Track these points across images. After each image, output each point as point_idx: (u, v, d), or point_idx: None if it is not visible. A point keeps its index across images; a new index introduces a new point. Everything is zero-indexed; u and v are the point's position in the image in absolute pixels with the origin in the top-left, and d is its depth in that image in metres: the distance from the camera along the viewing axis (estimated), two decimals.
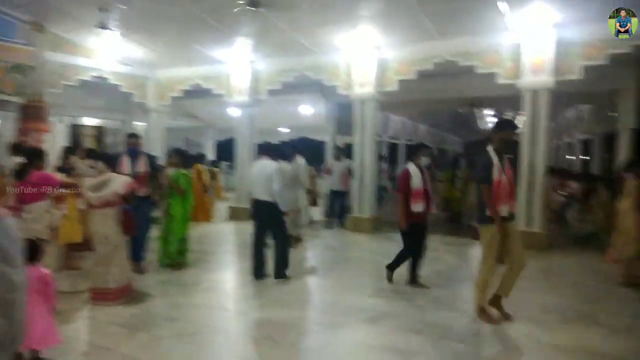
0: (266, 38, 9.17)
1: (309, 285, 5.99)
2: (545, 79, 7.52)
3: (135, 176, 5.65)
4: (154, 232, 6.58)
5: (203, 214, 10.84)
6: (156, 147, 11.13)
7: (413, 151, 5.93)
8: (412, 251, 5.69)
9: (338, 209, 10.00)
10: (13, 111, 8.95)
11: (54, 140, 9.78)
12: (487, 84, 8.64)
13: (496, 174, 4.26)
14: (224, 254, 7.79)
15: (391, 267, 5.80)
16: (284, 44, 9.31)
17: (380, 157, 17.21)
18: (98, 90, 11.50)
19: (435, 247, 8.08)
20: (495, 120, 29.07)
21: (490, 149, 4.41)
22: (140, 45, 9.88)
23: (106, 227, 4.82)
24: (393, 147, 20.20)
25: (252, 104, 10.60)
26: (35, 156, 5.00)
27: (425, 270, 6.46)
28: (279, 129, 17.11)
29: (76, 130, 12.48)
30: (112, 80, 10.84)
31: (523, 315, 4.66)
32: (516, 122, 5.67)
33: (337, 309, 4.82)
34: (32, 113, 8.90)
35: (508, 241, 4.33)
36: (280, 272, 5.83)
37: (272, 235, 5.86)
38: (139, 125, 12.63)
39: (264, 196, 5.69)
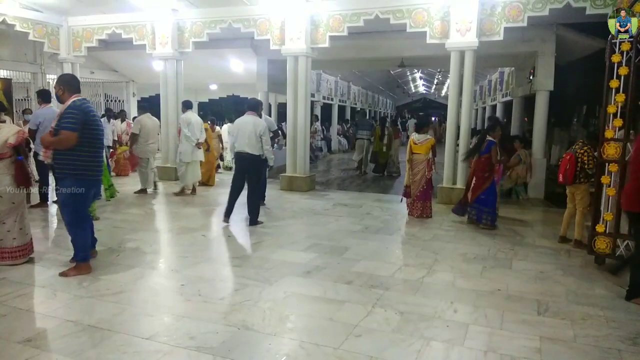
0: None
1: (242, 242, 5.95)
2: (471, 40, 7.72)
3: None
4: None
5: (125, 170, 10.45)
6: None
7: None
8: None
9: None
10: None
11: None
12: (417, 44, 8.76)
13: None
14: (152, 214, 7.49)
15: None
16: None
17: (316, 118, 17.20)
18: (3, 38, 10.33)
19: (366, 203, 8.31)
20: (423, 86, 29.85)
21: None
22: None
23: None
24: (327, 108, 20.19)
25: (177, 57, 10.02)
26: None
27: (357, 226, 6.63)
28: (210, 86, 16.45)
29: None
30: (19, 27, 9.75)
31: (446, 264, 4.94)
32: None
33: (270, 264, 4.82)
34: None
35: None
36: (255, 220, 6.47)
37: (251, 187, 6.46)
38: (51, 78, 11.56)
39: (250, 150, 6.21)
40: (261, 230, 6.35)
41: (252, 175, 6.47)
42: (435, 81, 28.48)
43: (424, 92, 36.26)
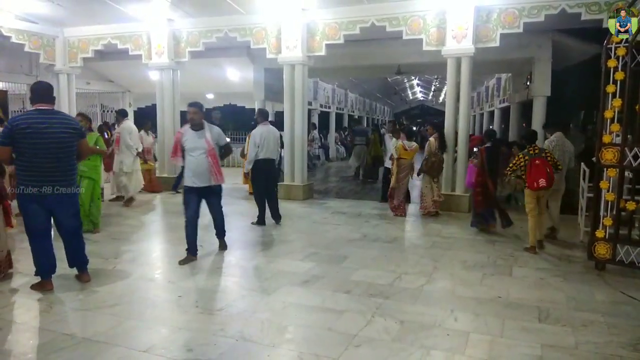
0: None
1: (240, 253, 5.90)
2: (467, 46, 7.74)
3: None
4: None
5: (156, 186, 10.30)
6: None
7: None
8: None
9: None
10: None
11: None
12: (414, 51, 8.77)
13: None
14: (150, 225, 7.44)
15: None
16: (205, 1, 8.83)
17: (313, 126, 17.21)
18: None
19: (364, 210, 8.27)
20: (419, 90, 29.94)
21: None
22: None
23: None
24: (324, 116, 20.21)
25: (174, 67, 10.02)
26: None
27: (356, 234, 6.60)
28: (206, 95, 16.44)
29: None
30: (15, 38, 9.75)
31: (446, 272, 4.90)
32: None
33: (268, 274, 4.78)
34: None
35: None
36: (279, 217, 7.13)
37: (272, 189, 7.09)
38: None
39: (274, 156, 6.96)
40: (259, 239, 6.31)
41: (273, 178, 7.21)
42: (433, 88, 28.56)
43: (422, 98, 36.36)
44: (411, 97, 34.91)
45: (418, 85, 28.87)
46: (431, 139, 7.83)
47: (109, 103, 15.37)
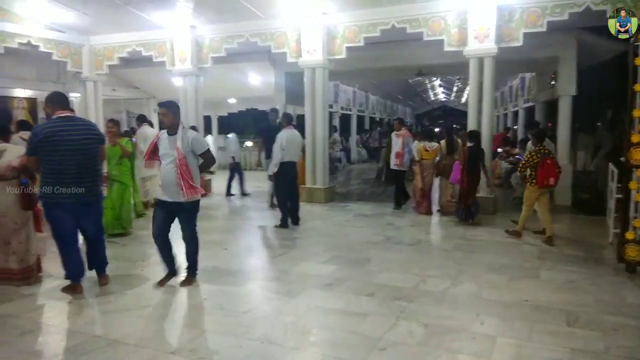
0: (208, 1, 8.76)
1: (264, 255, 5.96)
2: (490, 46, 7.65)
3: None
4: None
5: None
6: (93, 120, 10.52)
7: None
8: None
9: None
10: None
11: None
12: (435, 52, 8.71)
13: None
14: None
15: None
16: (226, 7, 8.94)
17: (334, 129, 17.24)
18: (28, 59, 10.66)
19: (386, 213, 8.24)
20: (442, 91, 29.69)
21: None
22: (70, 8, 9.17)
23: (2, 203, 4.40)
24: (345, 118, 20.22)
25: (196, 73, 10.18)
26: None
27: (378, 237, 6.59)
28: (228, 100, 16.63)
29: (6, 102, 11.57)
30: (43, 47, 10.06)
31: (471, 275, 4.85)
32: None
33: (291, 277, 4.81)
34: None
35: None
36: (298, 220, 7.24)
37: (293, 190, 7.17)
38: (74, 96, 11.85)
39: (296, 159, 7.14)
40: (282, 242, 6.35)
41: (296, 183, 7.25)
42: (455, 88, 28.26)
43: (444, 99, 36.00)
44: (433, 98, 34.58)
45: (440, 86, 28.59)
46: (442, 141, 8.13)
47: (135, 109, 15.69)
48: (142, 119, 9.19)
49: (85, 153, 4.14)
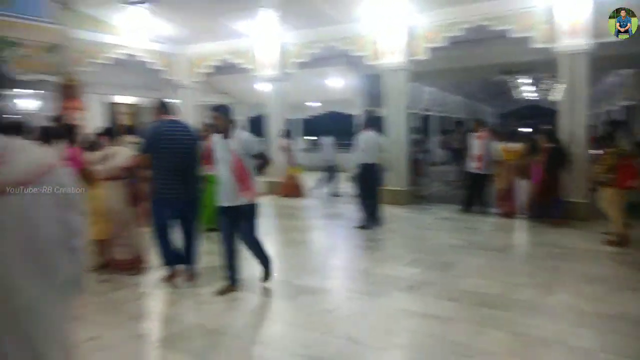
0: (292, 9, 9.09)
1: (347, 256, 6.06)
2: (583, 42, 7.17)
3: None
4: None
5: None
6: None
7: None
8: None
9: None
10: (50, 90, 9.17)
11: (90, 118, 9.96)
12: (521, 49, 8.33)
13: None
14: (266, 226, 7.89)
15: None
16: (309, 14, 9.19)
17: (415, 131, 16.96)
18: (132, 68, 11.68)
19: (470, 217, 8.02)
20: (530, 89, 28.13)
21: None
22: (168, 20, 9.92)
23: (113, 200, 4.89)
24: (426, 119, 19.90)
25: (282, 78, 10.57)
26: (65, 133, 5.15)
27: (461, 240, 6.44)
28: (307, 103, 17.04)
29: (113, 108, 12.76)
30: (143, 57, 10.96)
31: (564, 284, 4.61)
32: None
33: (373, 278, 4.88)
34: (66, 92, 9.08)
35: None
36: (380, 221, 7.19)
37: (375, 192, 7.18)
38: (172, 102, 12.76)
39: (376, 160, 7.08)
40: (363, 243, 6.43)
41: (377, 185, 7.27)
42: (543, 86, 26.64)
43: (531, 98, 34.04)
44: (518, 97, 32.85)
45: (527, 84, 27.10)
46: (523, 142, 8.00)
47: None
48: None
49: (186, 152, 4.51)
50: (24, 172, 0.96)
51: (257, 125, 11.31)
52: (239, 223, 4.30)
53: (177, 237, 4.71)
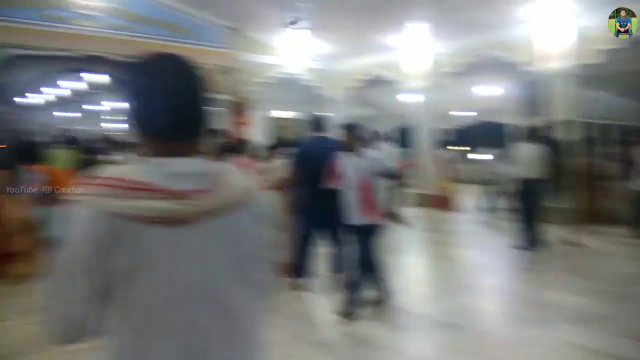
0: (443, 19, 8.90)
1: (502, 278, 5.67)
2: None
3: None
4: None
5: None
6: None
7: None
8: None
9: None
10: (222, 107, 10.35)
11: (255, 132, 11.00)
12: None
13: None
14: (413, 239, 7.79)
15: None
16: (461, 23, 8.89)
17: (586, 141, 15.16)
18: (288, 84, 12.63)
19: None
20: None
21: None
22: (324, 40, 10.49)
23: (277, 209, 5.12)
24: (594, 128, 17.61)
25: (433, 89, 10.40)
26: (236, 147, 5.71)
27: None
28: (453, 112, 16.39)
29: (273, 123, 13.93)
30: (305, 77, 11.77)
31: None
32: None
33: (536, 304, 4.46)
34: (236, 109, 10.20)
35: None
36: (540, 243, 6.47)
37: (537, 210, 6.56)
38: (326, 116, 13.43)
39: (535, 175, 6.46)
40: (522, 265, 5.94)
41: (537, 198, 6.63)
42: None
43: None
44: None
45: None
46: None
47: (369, 125, 16.83)
48: (376, 136, 9.77)
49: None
50: (234, 196, 1.10)
51: (403, 137, 11.26)
52: (360, 241, 4.20)
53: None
